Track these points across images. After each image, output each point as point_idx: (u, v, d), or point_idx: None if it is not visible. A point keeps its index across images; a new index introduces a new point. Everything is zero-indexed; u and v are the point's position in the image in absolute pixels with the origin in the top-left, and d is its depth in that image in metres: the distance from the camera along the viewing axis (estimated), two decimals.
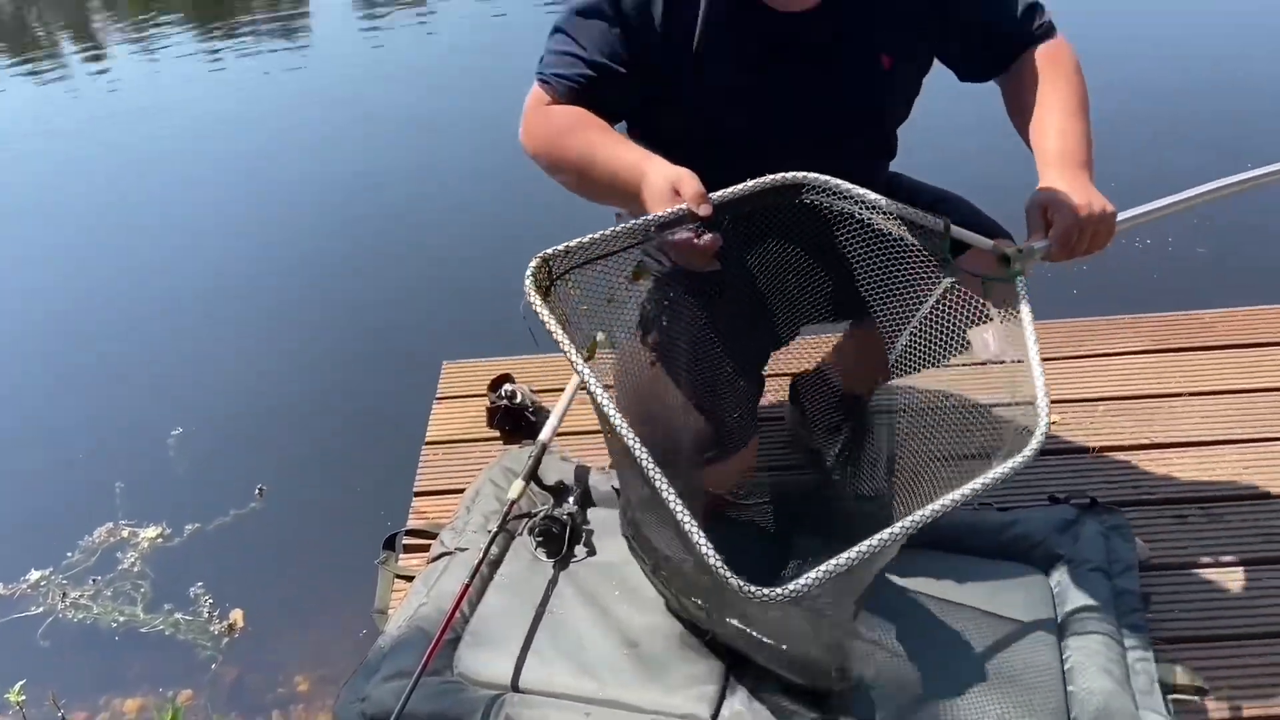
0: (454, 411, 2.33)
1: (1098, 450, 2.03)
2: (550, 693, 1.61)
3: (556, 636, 1.70)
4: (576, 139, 1.43)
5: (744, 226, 1.39)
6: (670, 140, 1.53)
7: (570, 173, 1.45)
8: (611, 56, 1.44)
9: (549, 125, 1.46)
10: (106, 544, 2.40)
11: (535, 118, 1.48)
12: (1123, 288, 2.89)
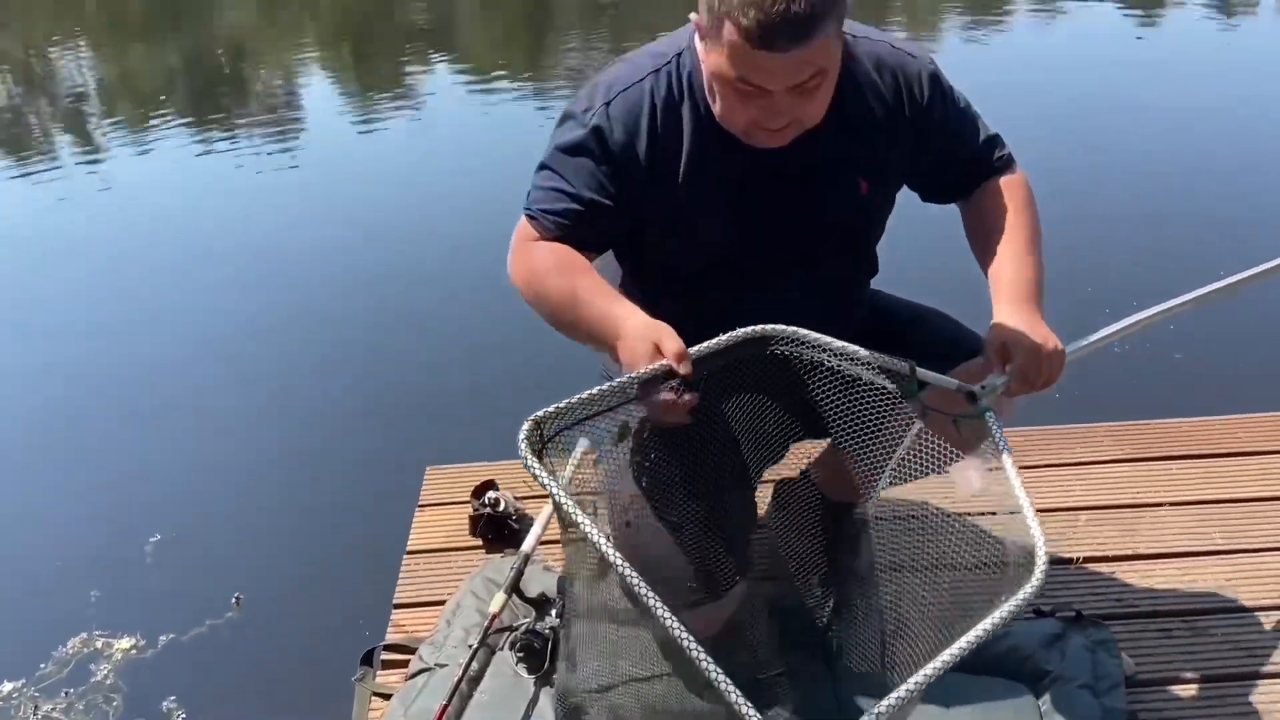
0: (436, 519, 2.31)
1: (1081, 561, 2.02)
2: None
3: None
4: (559, 281, 1.45)
5: (719, 379, 1.41)
6: (654, 266, 1.57)
7: (551, 314, 1.48)
8: (598, 191, 1.46)
9: (533, 264, 1.48)
10: (80, 655, 2.36)
11: (521, 254, 1.50)
12: (1102, 395, 2.92)
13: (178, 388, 3.45)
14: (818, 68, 1.31)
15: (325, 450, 3.06)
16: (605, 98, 1.45)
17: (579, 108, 1.47)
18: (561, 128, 1.50)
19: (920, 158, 1.55)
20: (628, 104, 1.45)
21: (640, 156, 1.45)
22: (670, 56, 1.47)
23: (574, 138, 1.46)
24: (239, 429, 3.21)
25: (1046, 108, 5.24)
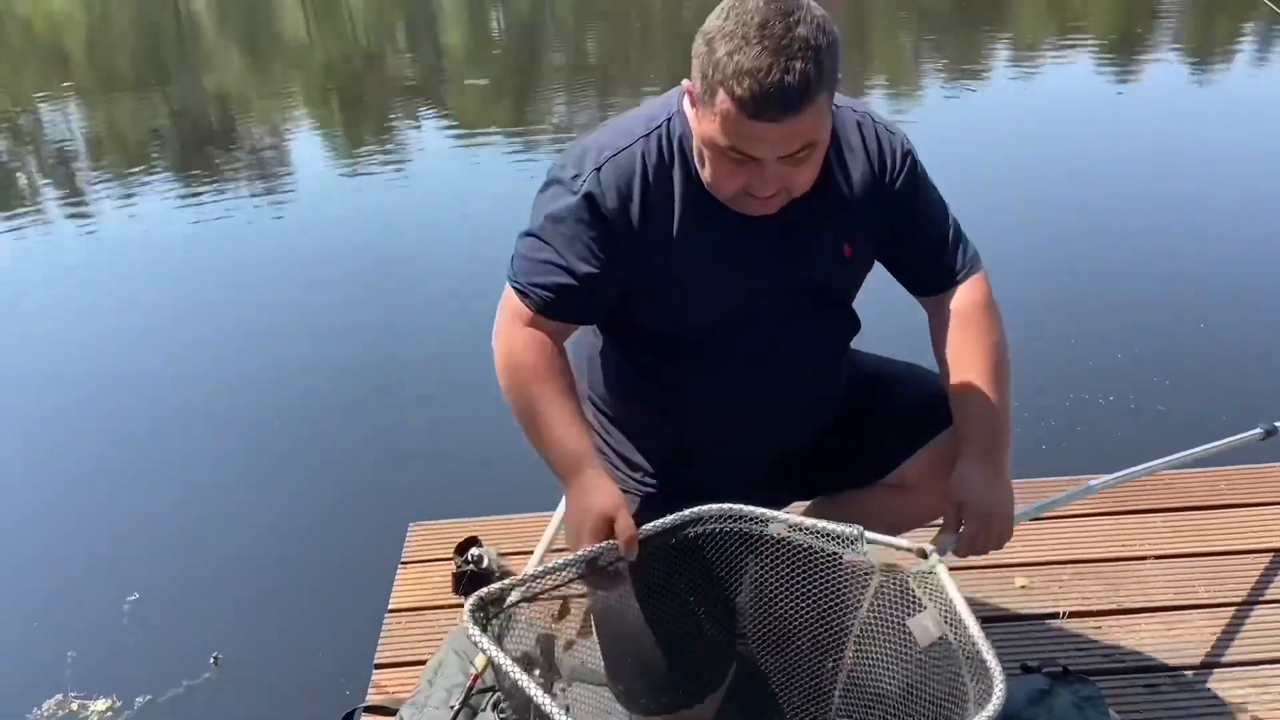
0: (419, 576, 2.29)
1: (1066, 615, 2.02)
2: None
3: None
4: (534, 392, 1.45)
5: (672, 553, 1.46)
6: (639, 330, 1.57)
7: (518, 417, 1.49)
8: (590, 261, 1.43)
9: (515, 358, 1.46)
10: (56, 717, 2.31)
11: (506, 338, 1.48)
12: (1087, 447, 2.94)
13: (157, 446, 3.43)
14: (809, 139, 1.32)
15: (306, 507, 3.04)
16: (596, 163, 1.43)
17: (567, 174, 1.44)
18: (547, 193, 1.47)
19: (890, 233, 1.55)
20: (619, 170, 1.43)
21: (633, 222, 1.43)
22: (660, 120, 1.46)
23: (564, 205, 1.43)
24: (219, 487, 3.19)
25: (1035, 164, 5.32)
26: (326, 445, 3.34)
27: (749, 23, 1.25)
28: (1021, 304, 3.81)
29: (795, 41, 1.25)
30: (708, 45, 1.29)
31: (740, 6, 1.27)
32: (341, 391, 3.64)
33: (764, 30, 1.25)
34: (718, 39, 1.27)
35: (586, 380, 1.70)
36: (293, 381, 3.77)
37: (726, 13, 1.28)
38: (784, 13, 1.26)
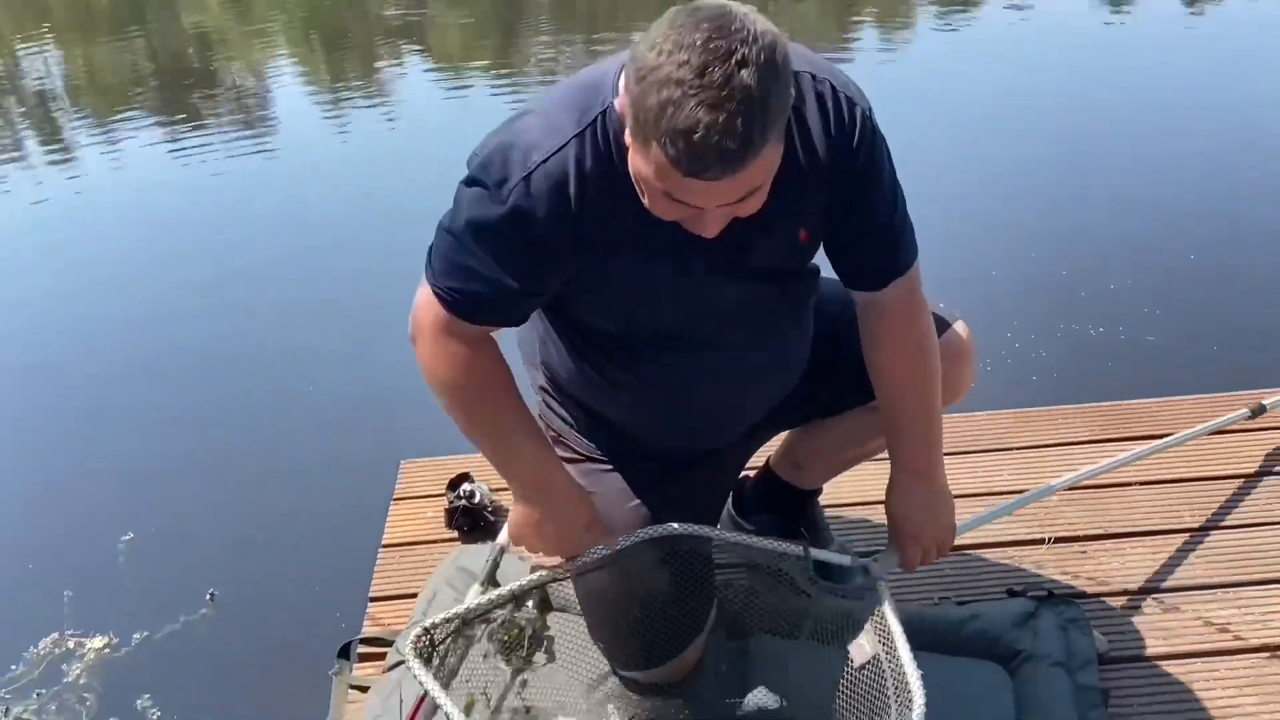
0: (412, 512, 2.30)
1: (1052, 541, 2.04)
2: None
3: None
4: (480, 413, 1.47)
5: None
6: (586, 325, 1.52)
7: (467, 434, 1.50)
8: (515, 277, 1.35)
9: (452, 380, 1.44)
10: (52, 655, 2.33)
11: (433, 349, 1.43)
12: (1074, 377, 2.96)
13: (147, 387, 3.42)
14: (755, 185, 1.20)
15: (299, 445, 3.05)
16: (524, 169, 1.29)
17: (492, 176, 1.31)
18: (472, 192, 1.34)
19: (839, 215, 1.44)
20: (550, 179, 1.29)
21: (567, 234, 1.32)
22: (595, 114, 1.30)
23: (489, 216, 1.32)
24: (212, 425, 3.19)
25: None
26: (317, 383, 3.33)
27: (684, 66, 1.10)
28: (1015, 234, 3.84)
29: (736, 92, 1.10)
30: (639, 83, 1.14)
31: (676, 39, 1.11)
32: (332, 330, 3.63)
33: (701, 79, 1.09)
34: (650, 81, 1.12)
35: (540, 357, 1.66)
36: (283, 320, 3.76)
37: (660, 46, 1.12)
38: (724, 54, 1.10)
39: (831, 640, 1.59)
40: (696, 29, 1.11)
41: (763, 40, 1.13)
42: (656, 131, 1.13)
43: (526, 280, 1.37)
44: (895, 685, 1.44)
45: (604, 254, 1.36)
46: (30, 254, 4.58)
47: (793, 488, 1.95)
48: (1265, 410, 2.20)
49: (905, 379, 1.56)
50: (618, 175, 1.29)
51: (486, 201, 1.32)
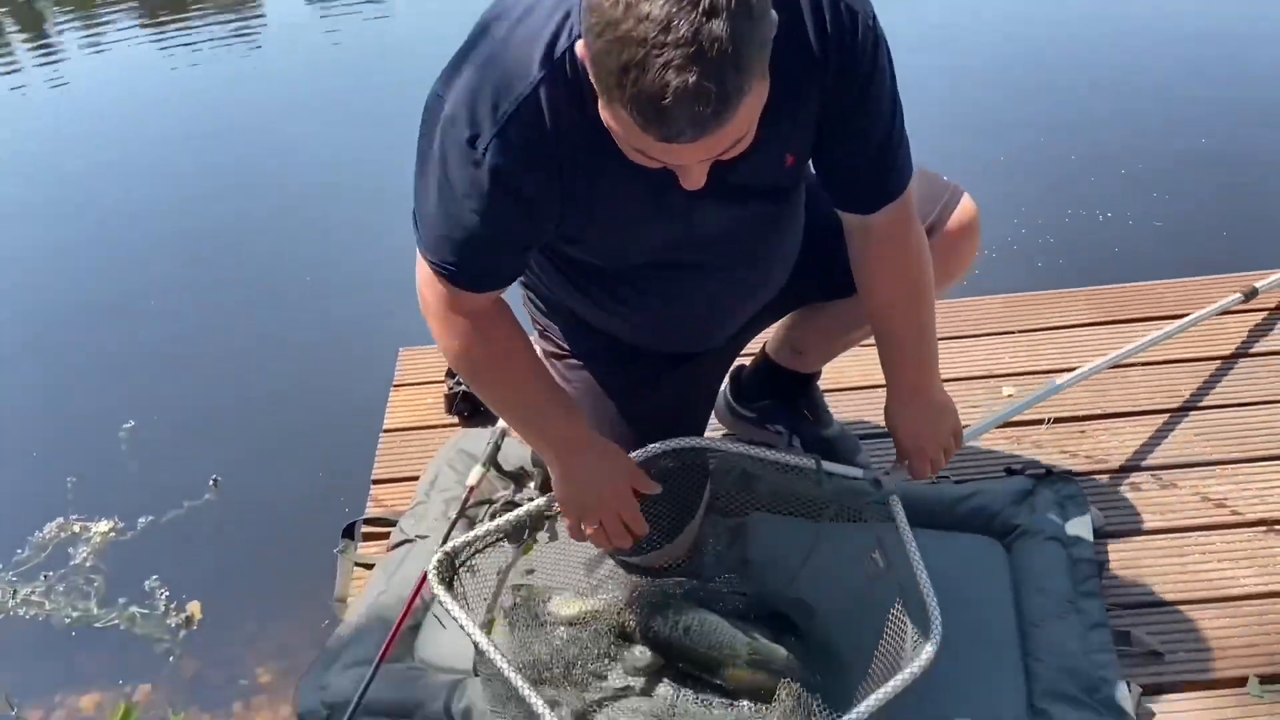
0: (411, 398, 2.30)
1: (1051, 421, 2.05)
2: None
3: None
4: (507, 382, 1.47)
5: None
6: (572, 264, 1.50)
7: (493, 407, 1.55)
8: (510, 236, 1.32)
9: (471, 358, 1.43)
10: (57, 539, 2.35)
11: (449, 331, 1.40)
12: (1078, 260, 2.93)
13: (147, 274, 3.38)
14: (737, 136, 1.10)
15: (298, 332, 3.03)
16: (495, 122, 1.21)
17: (461, 133, 1.23)
18: (445, 151, 1.25)
19: (830, 133, 1.35)
20: (525, 131, 1.21)
21: (552, 186, 1.27)
22: (563, 46, 1.19)
23: (469, 179, 1.24)
24: (210, 313, 3.16)
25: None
26: (315, 273, 3.30)
27: (646, 22, 0.97)
28: (1024, 121, 3.76)
29: (707, 46, 0.98)
30: (598, 38, 1.02)
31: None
32: (330, 218, 3.58)
33: (666, 35, 0.97)
34: (609, 39, 1.00)
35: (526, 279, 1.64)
36: (281, 208, 3.69)
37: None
38: (690, 1, 0.97)
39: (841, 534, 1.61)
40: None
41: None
42: (621, 95, 1.02)
43: (519, 237, 1.34)
44: (908, 606, 1.47)
45: (587, 197, 1.30)
46: (22, 141, 4.48)
47: (792, 372, 1.94)
48: (1257, 294, 2.19)
49: (898, 302, 1.53)
50: (591, 116, 1.15)
51: (464, 162, 1.24)
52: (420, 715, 1.56)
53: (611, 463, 1.50)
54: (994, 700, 1.53)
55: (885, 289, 1.52)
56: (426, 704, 1.56)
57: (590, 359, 1.65)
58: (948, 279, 1.69)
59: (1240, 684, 1.55)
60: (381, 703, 1.55)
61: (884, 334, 1.56)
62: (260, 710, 2.03)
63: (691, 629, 1.56)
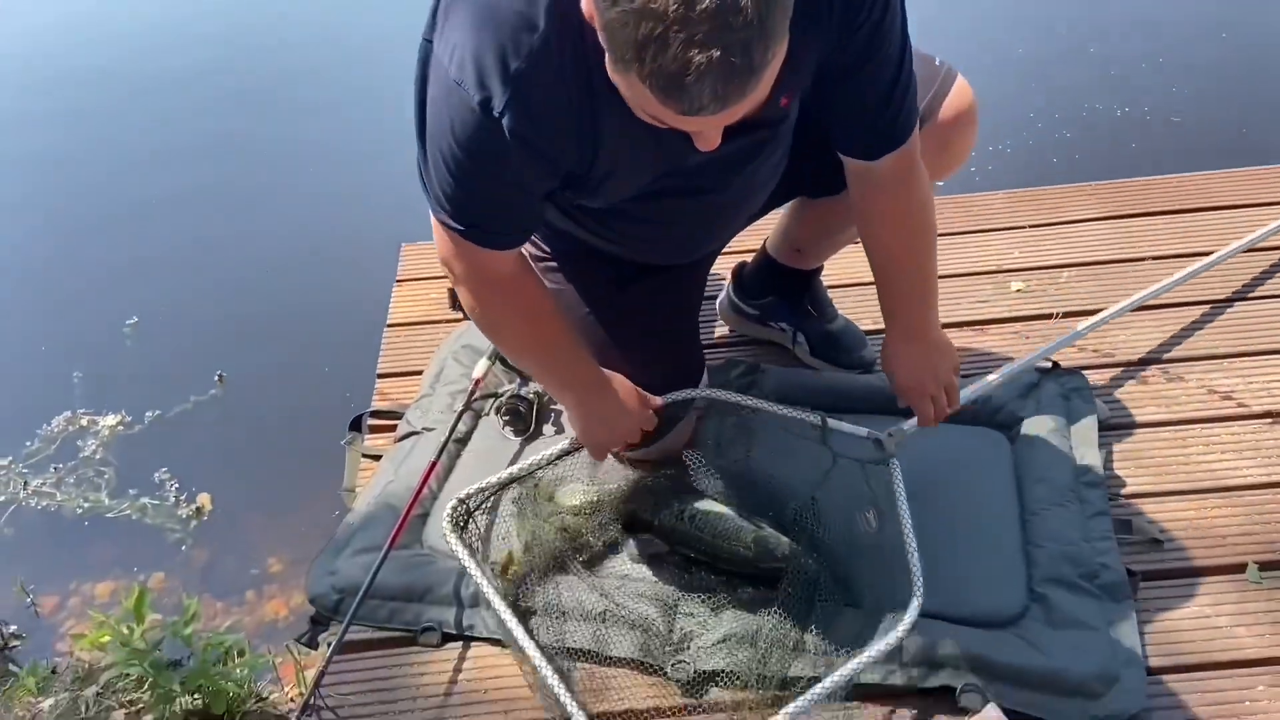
0: (415, 294, 2.29)
1: (1060, 316, 2.03)
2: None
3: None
4: (540, 344, 1.49)
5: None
6: (582, 210, 1.50)
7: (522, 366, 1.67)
8: (527, 194, 1.31)
9: (500, 324, 1.47)
10: (66, 433, 2.37)
11: (475, 296, 1.41)
12: (1090, 155, 2.89)
13: (150, 170, 3.32)
14: (760, 99, 1.05)
15: (300, 228, 3.00)
16: (505, 81, 1.16)
17: (472, 94, 1.17)
18: (455, 109, 1.20)
19: (835, 75, 1.31)
20: (541, 90, 1.18)
21: (569, 141, 1.25)
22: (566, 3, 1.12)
23: (486, 143, 1.20)
24: (214, 209, 3.13)
25: None
26: (318, 168, 3.25)
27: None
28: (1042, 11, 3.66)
29: (732, 20, 0.93)
30: (612, 5, 0.96)
31: None
32: (331, 114, 3.51)
33: (690, 10, 0.92)
34: (625, 9, 0.95)
35: None
36: (284, 103, 3.62)
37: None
38: None
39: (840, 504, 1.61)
40: None
41: None
42: (640, 69, 0.98)
43: (539, 191, 1.33)
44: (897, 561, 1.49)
45: (593, 145, 1.27)
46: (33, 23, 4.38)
47: (793, 269, 1.92)
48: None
49: (901, 250, 1.51)
50: (594, 68, 1.11)
51: (477, 126, 1.19)
52: (430, 599, 1.58)
53: (627, 402, 1.54)
54: (994, 587, 1.55)
55: (887, 236, 1.50)
56: (435, 588, 1.58)
57: (570, 260, 1.65)
58: (943, 172, 1.65)
59: (1239, 571, 1.57)
60: (391, 587, 1.58)
61: (884, 278, 1.55)
62: (271, 598, 2.07)
63: (696, 517, 1.58)
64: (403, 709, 1.46)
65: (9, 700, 1.73)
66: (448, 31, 1.20)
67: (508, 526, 1.64)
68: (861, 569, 1.54)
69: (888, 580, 1.50)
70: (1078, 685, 1.38)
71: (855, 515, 1.56)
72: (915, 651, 1.42)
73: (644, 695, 1.43)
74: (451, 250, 1.36)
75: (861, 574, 1.53)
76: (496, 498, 1.67)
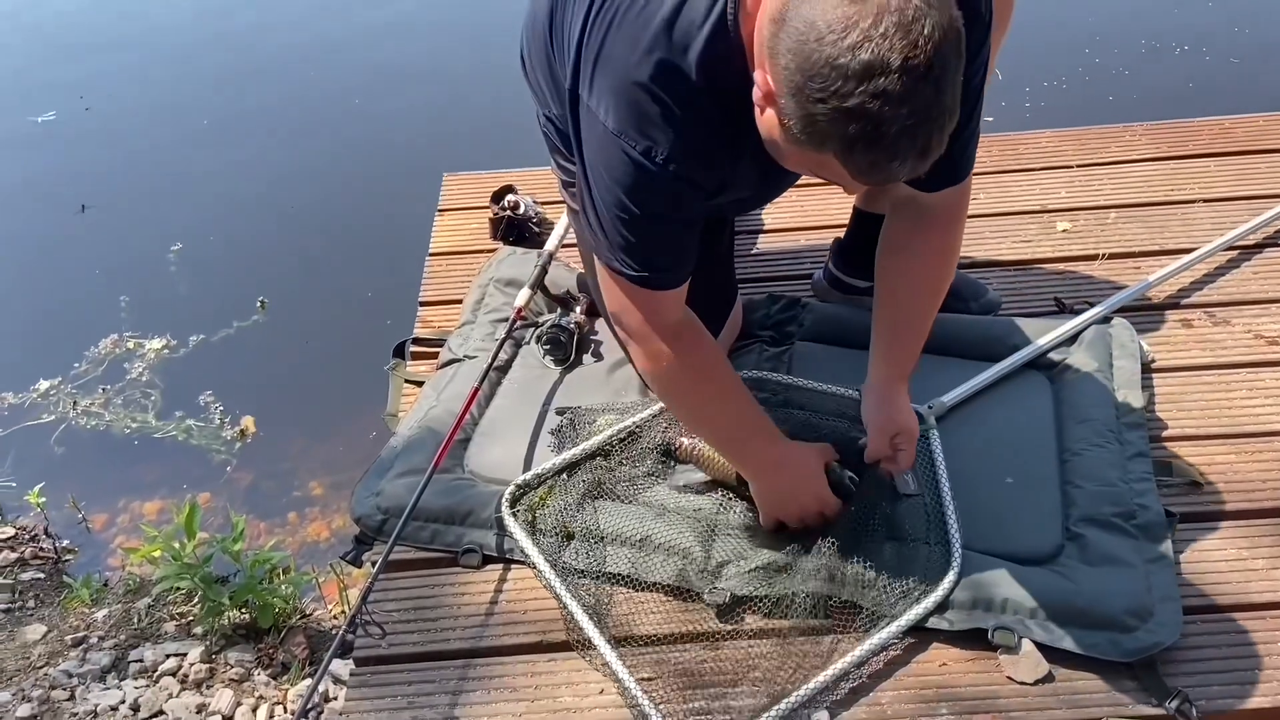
0: (456, 223, 2.29)
1: (1106, 257, 2.01)
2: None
3: None
4: (716, 406, 1.48)
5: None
6: None
7: (692, 424, 1.56)
8: (695, 228, 1.37)
9: (674, 369, 1.43)
10: (113, 355, 2.41)
11: (650, 346, 1.42)
12: (1139, 94, 2.83)
13: (195, 99, 3.35)
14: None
15: (343, 159, 3.01)
16: (668, 129, 1.23)
17: (634, 144, 1.24)
18: (614, 158, 1.27)
19: None
20: (699, 131, 1.25)
21: (716, 178, 1.33)
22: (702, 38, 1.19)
23: (652, 188, 1.27)
24: (259, 139, 3.15)
25: None
26: (362, 99, 3.25)
27: (879, 98, 0.98)
28: None
29: (936, 115, 1.02)
30: (815, 98, 1.01)
31: (867, 54, 0.98)
32: (378, 43, 3.50)
33: (900, 108, 0.99)
34: (832, 102, 1.00)
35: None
36: (332, 35, 3.62)
37: (840, 42, 0.98)
38: (922, 72, 0.98)
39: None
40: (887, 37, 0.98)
41: (947, 30, 1.00)
42: (845, 156, 1.05)
43: (699, 220, 1.38)
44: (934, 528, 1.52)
45: (732, 177, 1.35)
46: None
47: None
48: None
49: (925, 290, 1.50)
50: (738, 112, 1.18)
51: (642, 172, 1.26)
52: (470, 522, 1.61)
53: (807, 473, 1.50)
54: (1030, 525, 1.55)
55: (916, 272, 1.50)
56: (477, 511, 1.61)
57: None
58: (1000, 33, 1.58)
59: (1278, 515, 1.56)
60: (433, 509, 1.61)
61: (894, 315, 1.53)
62: (313, 521, 2.12)
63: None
64: (444, 626, 1.50)
65: (64, 610, 1.80)
66: (597, 83, 1.27)
67: (549, 455, 1.67)
68: (900, 513, 1.54)
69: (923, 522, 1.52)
70: (1110, 619, 1.39)
71: (894, 475, 1.56)
72: (953, 591, 1.44)
73: (680, 620, 1.46)
74: (625, 302, 1.40)
75: (901, 517, 1.54)
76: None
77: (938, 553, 1.49)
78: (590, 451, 1.66)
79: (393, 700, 1.40)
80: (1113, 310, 1.84)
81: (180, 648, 1.67)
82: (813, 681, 1.36)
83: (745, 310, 1.86)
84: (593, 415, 1.73)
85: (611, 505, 1.60)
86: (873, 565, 1.46)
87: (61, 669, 1.63)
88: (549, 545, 1.56)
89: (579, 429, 1.71)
